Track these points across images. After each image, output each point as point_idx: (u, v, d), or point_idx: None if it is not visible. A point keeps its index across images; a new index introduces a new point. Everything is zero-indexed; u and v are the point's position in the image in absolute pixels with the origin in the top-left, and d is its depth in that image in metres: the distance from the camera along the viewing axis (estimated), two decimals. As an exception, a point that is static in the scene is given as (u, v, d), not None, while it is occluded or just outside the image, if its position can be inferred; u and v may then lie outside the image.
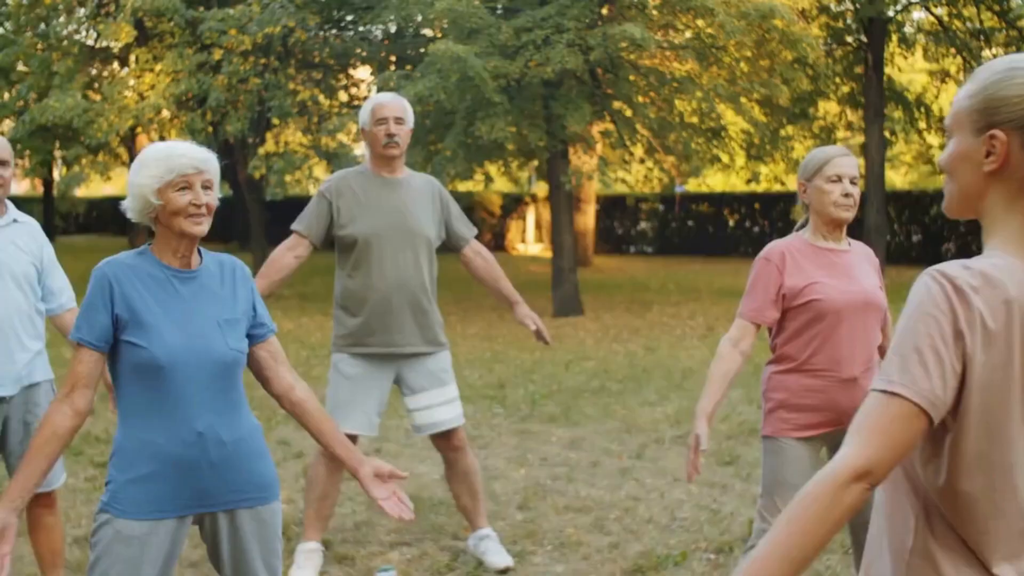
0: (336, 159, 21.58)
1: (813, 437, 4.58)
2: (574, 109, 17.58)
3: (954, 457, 2.06)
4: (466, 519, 6.36)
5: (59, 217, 42.32)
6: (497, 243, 37.51)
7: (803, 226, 4.73)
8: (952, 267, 2.04)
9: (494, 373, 12.93)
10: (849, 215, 4.60)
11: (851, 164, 4.61)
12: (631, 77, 18.65)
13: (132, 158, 25.78)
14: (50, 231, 39.90)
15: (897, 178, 45.53)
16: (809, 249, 4.61)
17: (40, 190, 41.58)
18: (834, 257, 4.60)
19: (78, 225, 47.82)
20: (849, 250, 4.68)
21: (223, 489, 3.67)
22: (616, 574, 6.00)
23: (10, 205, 5.23)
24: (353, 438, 6.07)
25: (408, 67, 20.34)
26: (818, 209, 4.61)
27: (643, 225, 37.90)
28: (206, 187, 3.59)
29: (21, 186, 48.81)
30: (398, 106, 6.05)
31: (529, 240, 38.98)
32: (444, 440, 6.17)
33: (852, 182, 4.59)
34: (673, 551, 6.28)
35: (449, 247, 6.30)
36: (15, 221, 5.23)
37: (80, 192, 29.97)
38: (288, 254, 6.00)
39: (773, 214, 34.69)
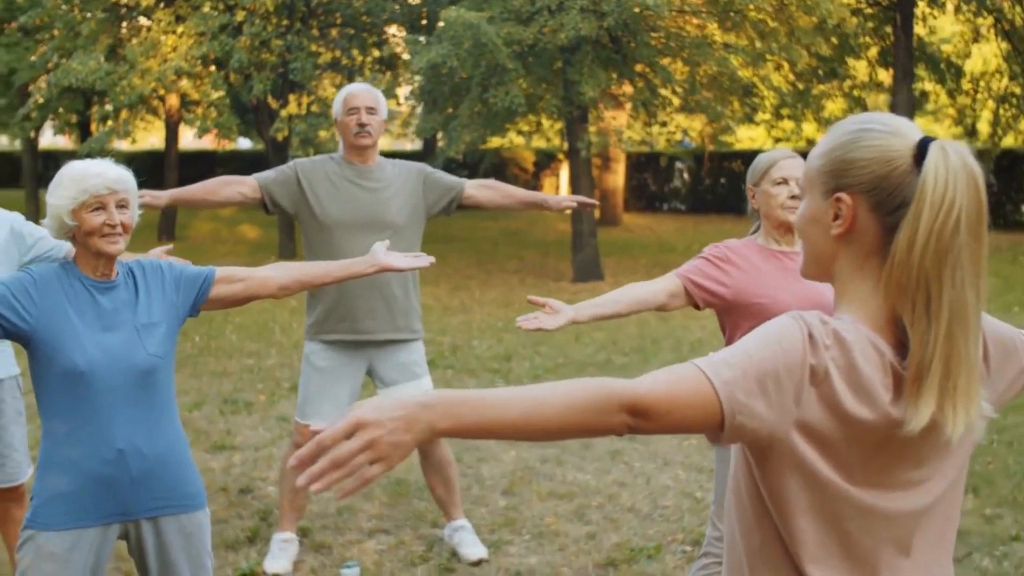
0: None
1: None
2: (589, 75, 17.43)
3: (784, 504, 2.05)
4: (441, 510, 6.36)
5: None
6: (530, 200, 37.34)
7: (756, 231, 4.65)
8: (812, 317, 2.00)
9: (503, 344, 12.92)
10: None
11: (797, 166, 4.51)
12: (651, 41, 18.45)
13: (167, 114, 25.99)
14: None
15: (941, 131, 45.27)
16: (761, 252, 4.53)
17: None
18: (786, 260, 4.52)
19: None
20: (801, 252, 4.59)
21: (145, 498, 3.70)
22: (588, 567, 5.99)
23: None
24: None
25: (439, 24, 20.30)
26: (766, 213, 4.52)
27: (676, 182, 37.64)
28: (121, 206, 3.61)
29: (67, 140, 48.90)
30: (370, 96, 6.01)
31: (568, 193, 38.84)
32: (418, 432, 6.12)
33: (799, 184, 4.50)
34: (649, 543, 6.26)
35: (461, 205, 6.26)
36: None
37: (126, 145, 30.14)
38: (232, 186, 5.96)
39: (805, 172, 34.32)
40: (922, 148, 1.99)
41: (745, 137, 41.83)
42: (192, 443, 8.32)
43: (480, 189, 6.27)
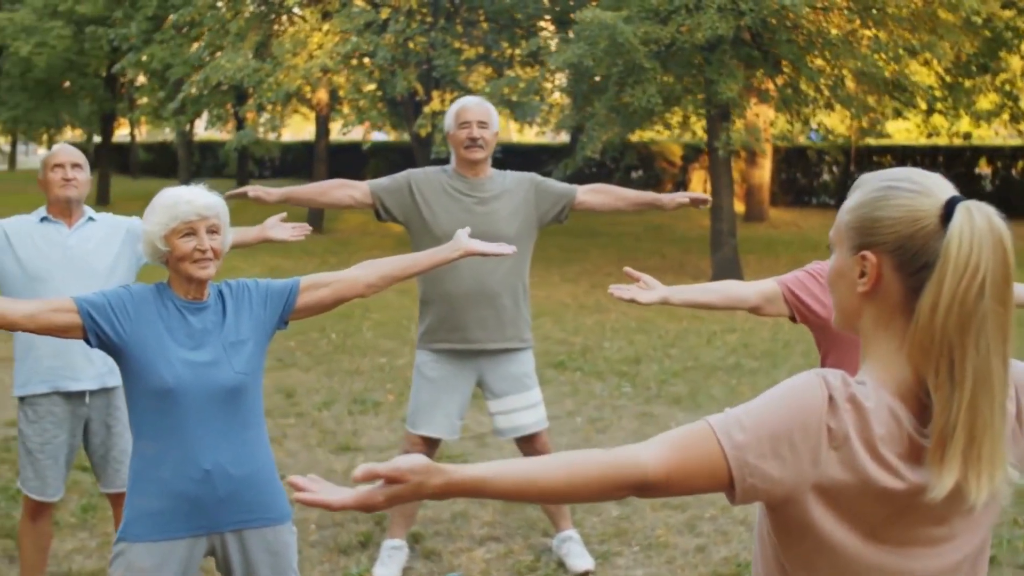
0: (519, 108, 21.64)
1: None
2: (728, 74, 17.28)
3: (798, 563, 2.06)
4: (550, 520, 6.39)
5: (253, 162, 42.72)
6: (679, 193, 37.02)
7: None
8: (834, 378, 1.99)
9: (633, 345, 12.90)
10: None
11: None
12: (792, 37, 18.20)
13: (319, 106, 26.42)
14: (243, 177, 40.13)
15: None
16: None
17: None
18: None
19: (273, 169, 48.38)
20: None
21: (231, 513, 3.80)
22: (694, 582, 5.98)
23: (86, 207, 5.49)
24: (435, 443, 6.12)
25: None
26: None
27: (825, 176, 37.02)
28: (212, 232, 3.72)
29: (223, 132, 49.94)
30: (482, 110, 6.07)
31: (710, 190, 38.45)
32: (527, 444, 6.19)
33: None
34: (758, 558, 6.20)
35: (575, 210, 6.25)
36: (90, 219, 5.48)
37: (280, 136, 30.92)
38: (345, 189, 6.07)
39: (956, 168, 33.52)
40: (949, 209, 1.96)
41: (901, 128, 40.97)
42: (318, 444, 8.53)
43: (591, 194, 6.28)
